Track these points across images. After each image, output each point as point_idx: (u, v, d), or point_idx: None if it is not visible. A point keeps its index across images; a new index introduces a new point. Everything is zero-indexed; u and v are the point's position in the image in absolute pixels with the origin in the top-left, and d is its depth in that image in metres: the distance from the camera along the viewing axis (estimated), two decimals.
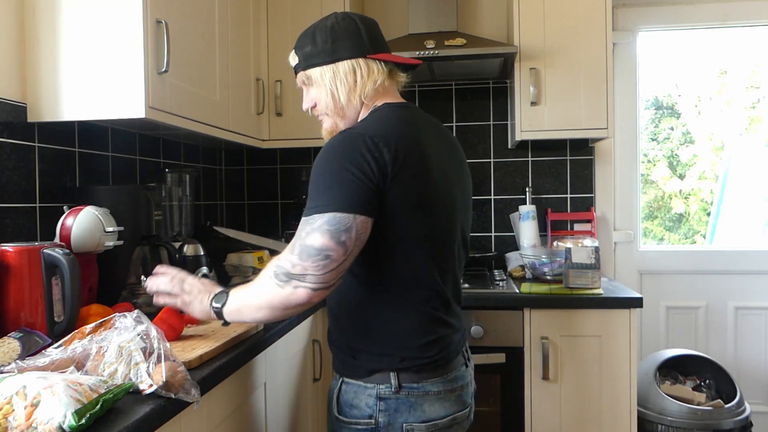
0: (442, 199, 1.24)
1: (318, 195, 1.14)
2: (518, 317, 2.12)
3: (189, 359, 1.16)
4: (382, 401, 1.22)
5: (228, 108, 2.09)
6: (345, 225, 1.10)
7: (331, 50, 1.27)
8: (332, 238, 1.10)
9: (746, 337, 2.81)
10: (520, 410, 2.12)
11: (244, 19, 2.29)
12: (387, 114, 1.26)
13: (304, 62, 1.32)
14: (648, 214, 3.04)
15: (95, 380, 0.92)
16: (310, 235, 1.11)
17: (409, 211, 1.18)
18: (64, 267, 1.26)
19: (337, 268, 1.12)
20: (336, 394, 1.28)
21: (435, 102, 2.84)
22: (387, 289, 1.23)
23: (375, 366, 1.23)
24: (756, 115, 2.96)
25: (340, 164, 1.13)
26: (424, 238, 1.21)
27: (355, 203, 1.11)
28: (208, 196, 2.77)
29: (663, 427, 2.29)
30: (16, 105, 1.56)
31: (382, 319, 1.23)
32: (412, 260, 1.21)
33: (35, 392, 0.84)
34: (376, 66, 1.28)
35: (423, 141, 1.23)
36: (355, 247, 1.12)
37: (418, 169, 1.18)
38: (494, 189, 2.82)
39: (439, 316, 1.26)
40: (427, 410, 1.22)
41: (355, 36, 1.28)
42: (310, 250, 1.11)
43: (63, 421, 0.81)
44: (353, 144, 1.14)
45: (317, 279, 1.11)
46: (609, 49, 2.39)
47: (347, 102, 1.29)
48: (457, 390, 1.27)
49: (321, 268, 1.10)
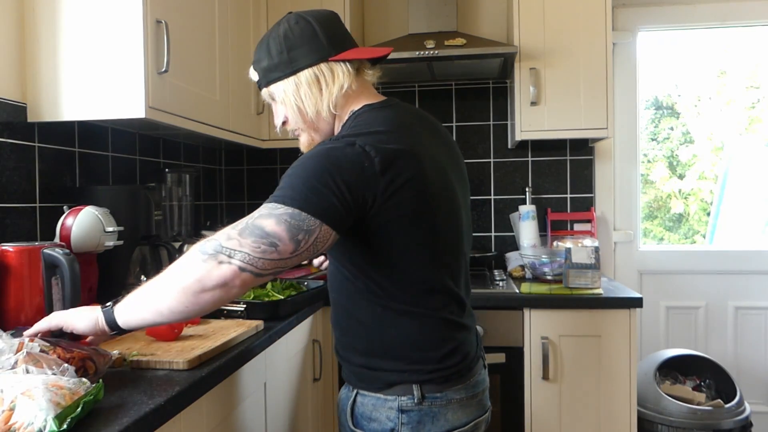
0: (443, 198, 1.17)
1: (291, 187, 1.04)
2: (518, 317, 2.12)
3: (188, 359, 1.16)
4: (404, 414, 1.15)
5: (228, 108, 2.09)
6: (308, 227, 1.01)
7: (288, 61, 1.18)
8: (288, 230, 1.00)
9: (746, 337, 2.81)
10: (520, 410, 2.12)
11: (244, 19, 2.29)
12: (372, 117, 1.17)
13: (263, 78, 1.23)
14: (648, 214, 3.04)
15: (74, 382, 0.90)
16: (265, 218, 1.01)
17: (412, 217, 1.11)
18: (64, 267, 1.26)
19: (278, 261, 1.01)
20: (350, 406, 1.21)
21: (435, 102, 2.84)
22: (403, 301, 1.15)
23: (395, 379, 1.17)
24: (756, 115, 2.96)
25: (325, 169, 1.04)
26: (432, 243, 1.15)
27: (327, 213, 1.02)
28: (208, 196, 2.77)
29: (663, 427, 2.29)
30: (16, 105, 1.56)
31: (399, 333, 1.16)
32: (424, 267, 1.15)
33: (12, 396, 0.82)
34: (340, 68, 1.18)
35: (415, 141, 1.15)
36: (305, 252, 1.02)
37: (415, 172, 1.10)
38: (494, 189, 2.82)
39: (456, 320, 1.21)
40: (450, 419, 1.17)
41: (312, 40, 1.18)
42: (256, 230, 1.00)
43: (44, 426, 0.79)
44: (343, 152, 1.06)
45: (249, 258, 0.98)
46: (609, 49, 2.39)
47: (316, 114, 1.20)
48: (478, 395, 1.23)
49: (260, 251, 0.99)
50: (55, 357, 0.98)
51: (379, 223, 1.08)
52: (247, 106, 2.30)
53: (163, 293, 1.02)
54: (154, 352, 1.21)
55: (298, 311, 1.75)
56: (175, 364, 1.15)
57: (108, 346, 1.27)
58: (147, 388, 1.04)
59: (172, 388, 1.03)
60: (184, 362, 1.15)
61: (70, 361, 0.99)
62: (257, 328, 1.49)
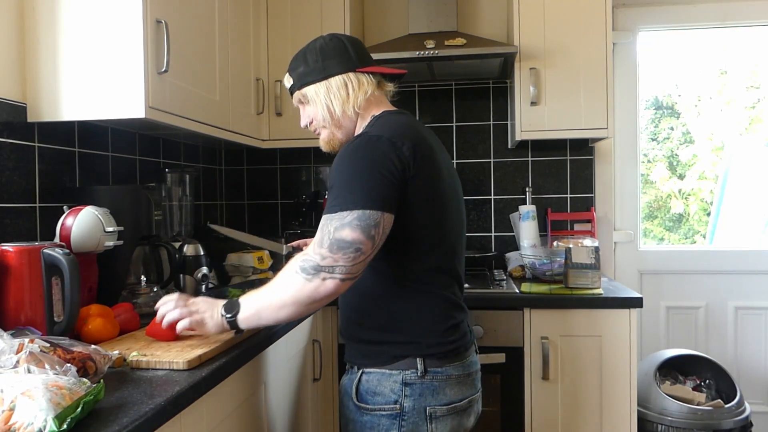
0: (451, 191, 1.36)
1: (344, 193, 1.20)
2: (518, 317, 2.12)
3: (188, 359, 1.16)
4: (408, 386, 1.28)
5: (228, 108, 2.09)
6: (374, 221, 1.18)
7: (322, 68, 1.37)
8: (363, 232, 1.17)
9: (746, 337, 2.81)
10: (520, 410, 2.12)
11: (244, 19, 2.29)
12: (393, 119, 1.35)
13: (298, 82, 1.41)
14: (648, 214, 3.04)
15: (74, 382, 0.90)
16: (340, 230, 1.17)
17: (429, 203, 1.27)
18: (64, 267, 1.26)
19: (365, 260, 1.19)
20: (355, 385, 1.32)
21: (435, 102, 2.84)
22: (413, 278, 1.29)
23: (400, 353, 1.29)
24: (756, 115, 2.96)
25: (364, 164, 1.21)
26: (442, 225, 1.31)
27: (383, 201, 1.19)
28: (208, 196, 2.77)
29: (663, 427, 2.29)
30: (16, 105, 1.56)
31: (407, 308, 1.29)
32: (437, 249, 1.31)
33: (12, 396, 0.82)
34: (365, 78, 1.39)
35: (428, 141, 1.33)
36: (380, 241, 1.20)
37: (432, 165, 1.29)
38: (494, 189, 2.82)
39: (457, 301, 1.36)
40: (449, 393, 1.30)
41: (343, 53, 1.38)
42: (341, 243, 1.17)
43: (44, 426, 0.79)
44: (375, 145, 1.23)
45: (346, 270, 1.17)
46: (609, 49, 2.38)
47: (342, 113, 1.38)
48: (472, 374, 1.37)
49: (351, 260, 1.17)
50: (56, 357, 0.98)
51: (404, 201, 1.24)
52: (247, 106, 2.30)
53: (280, 307, 1.22)
54: (154, 352, 1.21)
55: None
56: (175, 364, 1.15)
57: (108, 346, 1.27)
58: (147, 388, 1.04)
59: (172, 389, 1.03)
60: (184, 362, 1.15)
61: (71, 361, 0.99)
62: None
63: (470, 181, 2.82)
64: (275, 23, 2.51)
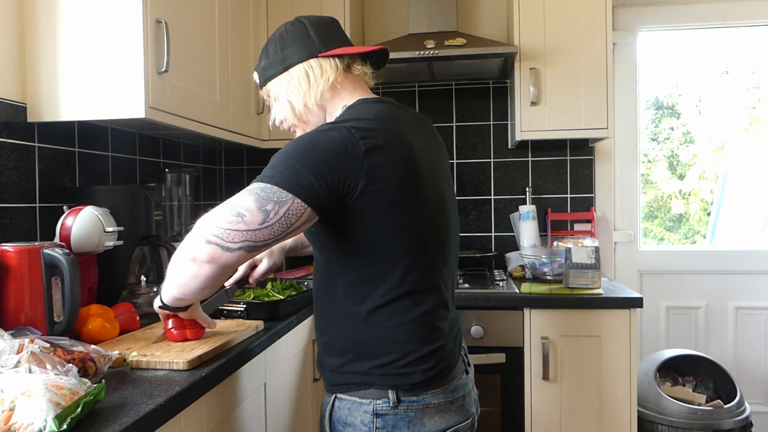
0: (432, 196, 1.17)
1: (271, 167, 1.07)
2: (518, 317, 2.12)
3: (188, 359, 1.16)
4: (379, 418, 1.13)
5: (228, 108, 2.09)
6: (278, 198, 1.03)
7: (281, 58, 1.24)
8: (257, 200, 1.03)
9: (746, 337, 2.81)
10: (520, 410, 2.12)
11: (244, 19, 2.29)
12: (366, 108, 1.18)
13: (261, 78, 1.30)
14: (648, 214, 3.04)
15: (74, 382, 0.90)
16: (240, 194, 1.06)
17: (396, 205, 1.09)
18: (64, 267, 1.26)
19: (244, 233, 1.03)
20: (329, 412, 1.19)
21: (435, 102, 2.84)
22: (379, 298, 1.13)
23: (369, 381, 1.15)
24: (756, 116, 2.96)
25: (300, 147, 1.07)
26: (415, 235, 1.13)
27: (299, 186, 1.03)
28: (208, 196, 2.77)
29: (663, 427, 2.28)
30: (16, 105, 1.56)
31: (376, 334, 1.14)
32: (411, 262, 1.12)
33: (12, 396, 0.82)
34: (328, 63, 1.22)
35: (404, 132, 1.15)
36: (276, 225, 1.03)
37: (401, 159, 1.10)
38: (494, 189, 2.82)
39: (436, 324, 1.17)
40: (427, 424, 1.14)
41: (304, 38, 1.23)
42: (230, 203, 1.06)
43: (44, 426, 0.79)
44: (324, 135, 1.08)
45: (215, 232, 1.04)
46: (609, 49, 2.38)
47: (304, 107, 1.24)
48: (458, 400, 1.19)
49: (227, 222, 1.04)
50: (57, 358, 0.98)
51: (362, 206, 1.08)
52: (247, 106, 2.30)
53: (181, 265, 1.11)
54: (154, 353, 1.21)
55: (298, 311, 1.75)
56: (175, 364, 1.15)
57: (108, 346, 1.27)
58: (147, 388, 1.04)
59: (172, 389, 1.03)
60: (184, 362, 1.15)
61: (71, 361, 0.99)
62: (257, 328, 1.49)
63: (470, 181, 2.82)
64: (275, 23, 2.50)
